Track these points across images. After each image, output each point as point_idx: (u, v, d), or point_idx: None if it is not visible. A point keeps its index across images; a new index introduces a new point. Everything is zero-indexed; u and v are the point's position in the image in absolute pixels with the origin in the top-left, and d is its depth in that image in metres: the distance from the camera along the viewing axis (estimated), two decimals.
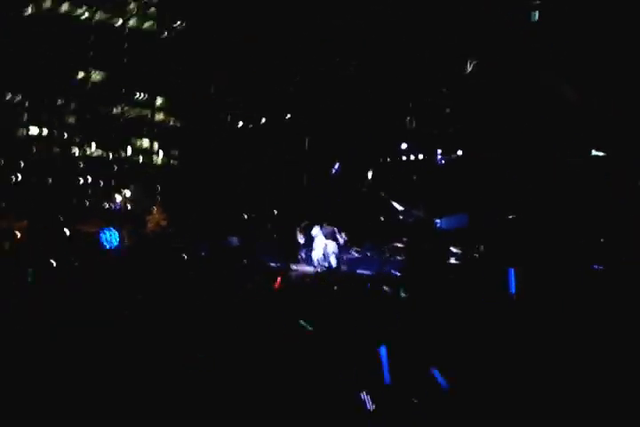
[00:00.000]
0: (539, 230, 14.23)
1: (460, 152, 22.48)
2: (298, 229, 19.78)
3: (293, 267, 19.02)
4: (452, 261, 16.96)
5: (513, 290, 9.32)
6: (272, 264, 19.31)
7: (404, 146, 24.43)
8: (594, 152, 17.21)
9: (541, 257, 12.10)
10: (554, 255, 11.84)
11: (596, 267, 11.33)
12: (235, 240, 22.17)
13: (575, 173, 16.06)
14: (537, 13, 21.75)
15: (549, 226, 14.03)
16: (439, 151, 22.97)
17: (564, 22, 19.95)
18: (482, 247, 16.11)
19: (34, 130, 59.33)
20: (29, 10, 58.69)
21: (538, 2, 21.85)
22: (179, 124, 62.57)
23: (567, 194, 15.23)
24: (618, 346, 6.62)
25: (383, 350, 5.37)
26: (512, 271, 9.35)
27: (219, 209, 31.63)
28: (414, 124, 25.60)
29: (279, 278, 10.95)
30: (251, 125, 35.41)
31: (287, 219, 23.24)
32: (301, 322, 6.54)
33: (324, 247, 18.39)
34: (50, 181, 54.31)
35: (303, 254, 19.76)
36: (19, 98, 57.51)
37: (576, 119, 17.88)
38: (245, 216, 31.81)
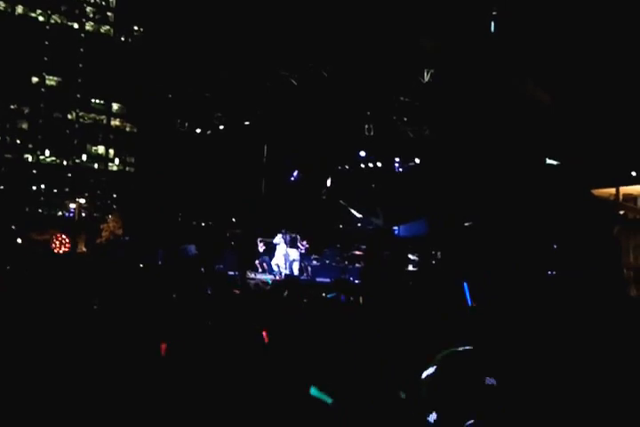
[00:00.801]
0: (494, 237, 14.41)
1: (417, 160, 22.66)
2: (258, 237, 19.68)
3: (251, 275, 18.90)
4: (410, 268, 17.10)
5: (469, 301, 9.37)
6: (230, 273, 19.16)
7: (362, 153, 24.50)
8: (548, 161, 17.53)
9: (497, 264, 12.23)
10: (509, 262, 11.98)
11: (549, 273, 11.51)
12: (192, 249, 21.91)
13: (529, 181, 16.31)
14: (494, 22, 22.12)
15: (505, 233, 14.21)
16: (397, 159, 23.11)
17: (526, 26, 20.30)
18: (439, 254, 16.26)
19: None
20: None
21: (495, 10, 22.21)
22: (135, 130, 61.89)
23: (522, 201, 15.46)
24: (575, 352, 6.67)
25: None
26: (466, 285, 9.39)
27: (175, 217, 31.30)
28: (372, 132, 25.69)
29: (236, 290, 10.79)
30: (209, 132, 35.10)
31: (246, 227, 23.10)
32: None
33: (285, 255, 18.34)
34: (1, 188, 53.05)
35: (263, 263, 19.65)
36: None
37: (532, 128, 18.19)
38: (202, 224, 31.56)
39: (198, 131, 35.15)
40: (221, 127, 32.96)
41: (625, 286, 10.93)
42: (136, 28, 63.53)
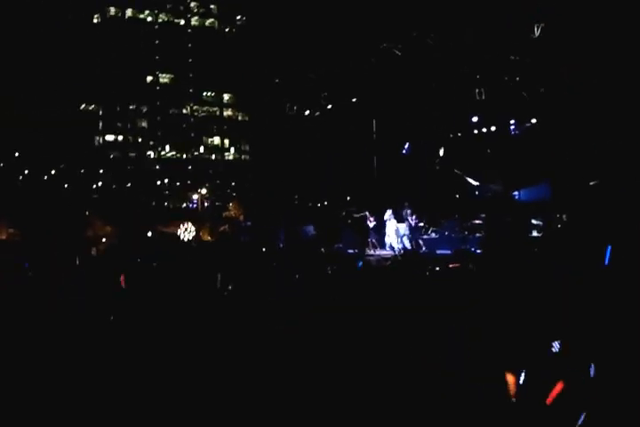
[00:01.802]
0: (627, 198, 13.45)
1: (534, 120, 21.56)
2: (367, 213, 19.56)
3: (370, 252, 18.83)
4: (535, 233, 16.34)
5: (607, 262, 8.76)
6: (349, 251, 19.19)
7: (474, 119, 23.65)
8: None
9: (632, 226, 11.39)
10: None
11: None
12: (310, 229, 22.15)
13: None
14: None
15: (635, 191, 13.23)
16: (512, 121, 22.12)
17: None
18: (564, 217, 15.41)
19: (109, 137, 61.27)
20: (95, 19, 60.44)
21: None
22: (247, 119, 63.27)
23: None
24: None
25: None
26: (608, 247, 8.76)
27: (292, 199, 31.74)
28: (484, 96, 24.73)
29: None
30: (317, 113, 35.24)
31: (360, 205, 23.01)
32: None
33: (395, 230, 18.13)
34: (129, 185, 56.02)
35: (374, 240, 19.53)
36: (92, 107, 59.44)
37: None
38: (319, 205, 31.82)
39: (307, 113, 35.42)
40: (329, 107, 32.97)
41: None
42: (238, 17, 64.64)
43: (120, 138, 61.54)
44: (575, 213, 14.97)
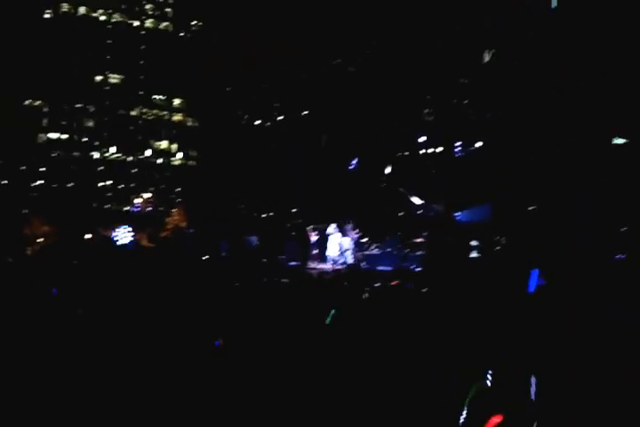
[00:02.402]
0: (561, 221, 13.92)
1: (479, 143, 22.12)
2: (310, 227, 19.68)
3: (312, 265, 18.91)
4: (474, 254, 16.71)
5: (532, 288, 9.04)
6: (292, 263, 19.22)
7: (422, 139, 24.11)
8: (615, 140, 16.83)
9: (564, 248, 11.80)
10: (577, 246, 11.54)
11: (618, 257, 11.03)
12: (254, 240, 22.09)
13: (595, 161, 15.71)
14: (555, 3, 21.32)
15: (571, 217, 13.72)
16: (458, 143, 22.63)
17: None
18: (503, 240, 15.84)
19: (53, 135, 59.86)
20: (47, 14, 59.17)
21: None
22: (196, 125, 62.79)
23: (588, 182, 14.89)
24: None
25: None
26: (535, 272, 9.05)
27: (238, 209, 31.61)
28: (432, 117, 25.25)
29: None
30: (268, 123, 35.31)
31: (304, 217, 23.11)
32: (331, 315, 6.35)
33: (339, 244, 18.27)
34: (70, 185, 54.79)
35: (316, 253, 19.65)
36: (38, 103, 58.02)
37: (597, 106, 17.48)
38: (265, 215, 31.76)
39: (258, 122, 35.51)
40: (280, 118, 33.12)
41: None
42: (194, 22, 64.30)
43: (64, 137, 60.20)
44: (513, 236, 15.40)
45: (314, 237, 19.73)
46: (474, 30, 23.04)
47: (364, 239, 19.64)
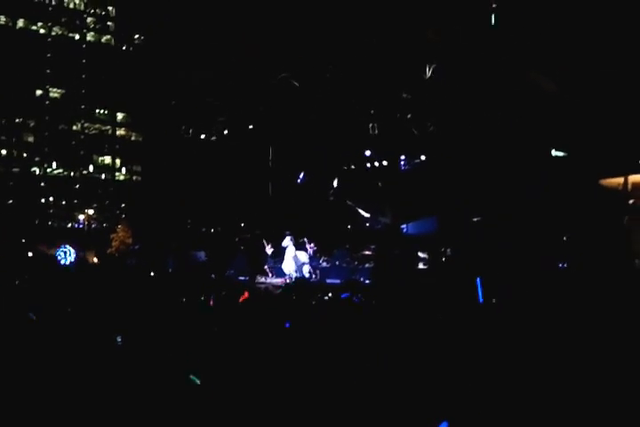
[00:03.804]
0: (503, 232, 14.29)
1: (423, 157, 22.54)
2: (264, 240, 19.60)
3: (262, 280, 18.84)
4: (421, 266, 16.98)
5: (481, 296, 9.26)
6: (241, 278, 19.11)
7: (367, 153, 24.40)
8: (554, 152, 17.37)
9: (507, 259, 12.11)
10: (520, 257, 11.87)
11: (561, 265, 11.39)
12: (201, 255, 21.90)
13: (536, 173, 16.18)
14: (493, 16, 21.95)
15: (514, 227, 14.10)
16: (402, 157, 23.01)
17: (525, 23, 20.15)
18: (448, 251, 16.14)
19: None
20: None
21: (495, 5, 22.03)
22: (140, 139, 62.04)
23: (530, 194, 15.33)
24: (592, 347, 6.55)
25: None
26: (479, 280, 9.28)
27: (184, 224, 31.30)
28: (377, 131, 25.59)
29: (246, 294, 10.76)
30: (213, 137, 35.13)
31: (255, 231, 23.05)
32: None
33: (294, 257, 18.23)
34: (10, 202, 53.29)
35: (272, 267, 19.60)
36: None
37: (537, 119, 18.04)
38: (212, 230, 31.53)
39: (203, 136, 35.25)
40: (225, 132, 33.01)
41: (636, 276, 10.79)
42: (137, 36, 63.70)
43: (4, 152, 58.61)
44: (458, 247, 15.70)
45: (269, 251, 19.63)
46: (416, 46, 23.52)
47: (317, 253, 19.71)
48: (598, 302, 8.37)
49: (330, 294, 12.17)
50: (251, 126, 30.85)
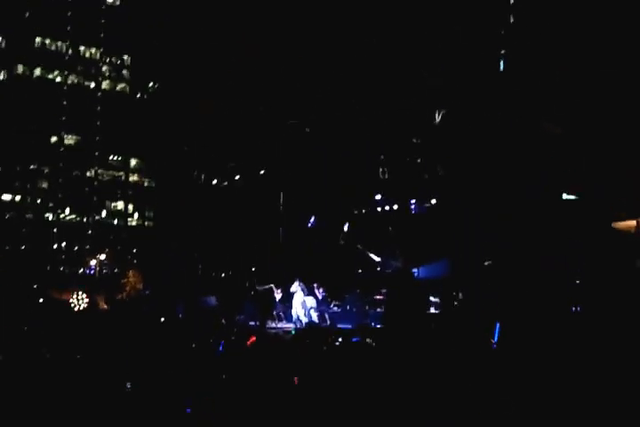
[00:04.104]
0: (516, 276, 14.17)
1: (433, 200, 22.57)
2: (273, 286, 19.56)
3: (272, 325, 18.70)
4: (432, 310, 16.79)
5: (496, 339, 9.13)
6: (251, 323, 18.98)
7: (378, 197, 24.48)
8: (565, 196, 17.35)
9: (521, 303, 11.98)
10: (533, 301, 11.74)
11: (575, 309, 11.23)
12: (212, 300, 21.80)
13: (548, 218, 16.14)
14: (502, 62, 22.29)
15: (527, 271, 13.99)
16: (413, 201, 23.06)
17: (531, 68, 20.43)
18: (460, 295, 15.98)
19: (6, 196, 58.85)
20: (1, 75, 59.19)
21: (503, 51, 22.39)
22: (153, 185, 62.63)
23: (542, 238, 15.26)
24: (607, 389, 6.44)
25: None
26: (497, 323, 9.17)
27: (195, 269, 31.27)
28: (387, 175, 25.74)
29: (253, 337, 10.68)
30: (225, 182, 35.43)
31: (265, 276, 23.00)
32: None
33: (302, 303, 18.15)
34: (23, 247, 53.59)
35: (281, 312, 19.49)
36: None
37: (546, 163, 18.09)
38: (223, 275, 31.46)
39: (214, 182, 35.55)
40: (237, 177, 33.29)
41: None
42: (151, 84, 65.02)
43: (18, 198, 59.26)
44: (470, 291, 15.57)
45: (278, 296, 19.58)
46: (425, 91, 23.84)
47: (327, 297, 19.60)
48: (614, 344, 8.24)
49: (340, 339, 12.05)
50: (262, 171, 31.11)
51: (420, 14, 23.85)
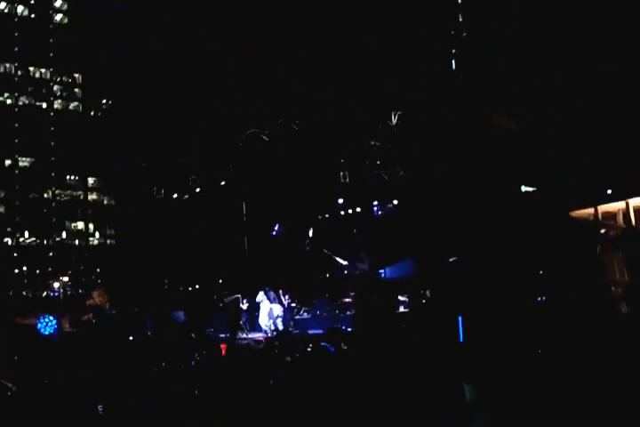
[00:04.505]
0: (480, 271, 14.26)
1: (395, 201, 22.69)
2: (239, 296, 19.41)
3: (242, 336, 18.53)
4: (402, 309, 16.85)
5: (462, 335, 9.16)
6: (221, 335, 18.77)
7: (340, 201, 24.54)
8: (523, 188, 17.55)
9: (487, 296, 12.05)
10: (498, 293, 11.82)
11: (540, 299, 11.35)
12: (180, 315, 21.50)
13: (508, 210, 16.30)
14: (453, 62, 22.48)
15: (490, 264, 14.09)
16: (375, 203, 23.16)
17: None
18: (428, 293, 16.06)
19: None
20: None
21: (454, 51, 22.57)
22: (112, 203, 61.84)
23: (502, 231, 15.40)
24: (573, 380, 6.49)
25: None
26: (460, 318, 9.21)
27: (161, 284, 30.92)
28: (348, 179, 25.80)
29: (222, 346, 10.55)
30: (186, 196, 35.12)
31: (232, 287, 22.81)
32: None
33: (269, 312, 18.04)
34: None
35: (247, 323, 19.36)
36: None
37: (503, 157, 18.28)
38: (189, 289, 31.14)
39: (175, 196, 35.22)
40: (197, 190, 33.03)
41: (615, 304, 10.78)
42: (104, 101, 64.24)
43: None
44: (436, 288, 15.65)
45: (244, 306, 19.43)
46: (380, 93, 23.97)
47: (294, 304, 19.50)
48: (580, 331, 8.31)
49: (311, 346, 11.97)
50: (222, 183, 30.94)
51: (371, 16, 24.00)
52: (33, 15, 62.60)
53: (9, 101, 61.14)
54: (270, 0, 28.89)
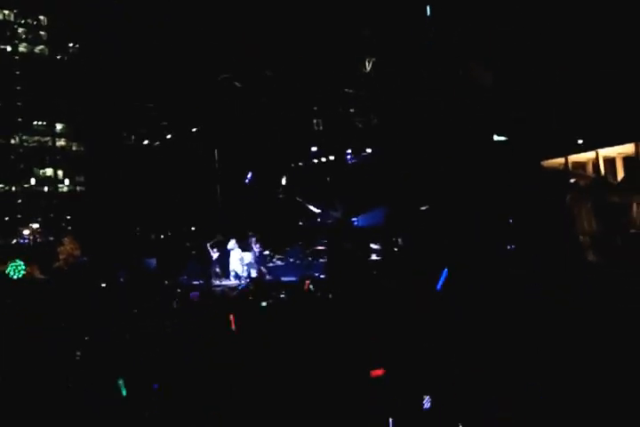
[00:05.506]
0: (451, 218, 14.45)
1: (368, 150, 22.66)
2: (208, 244, 19.45)
3: (216, 282, 18.65)
4: (374, 257, 17.06)
5: (440, 284, 9.32)
6: (195, 282, 18.88)
7: (314, 149, 24.43)
8: (496, 137, 17.66)
9: (458, 245, 12.24)
10: (469, 241, 12.01)
11: (509, 247, 11.57)
12: (153, 262, 21.52)
13: (479, 159, 16.43)
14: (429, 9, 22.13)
15: (460, 213, 14.27)
16: (348, 151, 23.10)
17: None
18: (399, 241, 16.25)
19: None
20: None
21: None
22: (82, 149, 60.76)
23: (474, 179, 15.55)
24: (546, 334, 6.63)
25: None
26: (444, 270, 9.33)
27: (133, 232, 30.78)
28: (321, 127, 25.64)
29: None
30: (157, 142, 34.64)
31: (203, 235, 22.81)
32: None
33: (240, 259, 18.16)
34: None
35: (217, 269, 19.46)
36: None
37: (477, 107, 18.28)
38: (162, 236, 31.08)
39: (146, 142, 34.73)
40: (169, 136, 32.59)
41: (582, 253, 11.03)
42: (71, 44, 62.23)
43: None
44: (408, 236, 15.83)
45: (215, 254, 19.50)
46: (353, 41, 23.61)
47: (266, 252, 19.60)
48: (547, 279, 8.51)
49: (284, 293, 12.12)
50: (194, 129, 30.52)
51: None
52: None
53: None
54: None
